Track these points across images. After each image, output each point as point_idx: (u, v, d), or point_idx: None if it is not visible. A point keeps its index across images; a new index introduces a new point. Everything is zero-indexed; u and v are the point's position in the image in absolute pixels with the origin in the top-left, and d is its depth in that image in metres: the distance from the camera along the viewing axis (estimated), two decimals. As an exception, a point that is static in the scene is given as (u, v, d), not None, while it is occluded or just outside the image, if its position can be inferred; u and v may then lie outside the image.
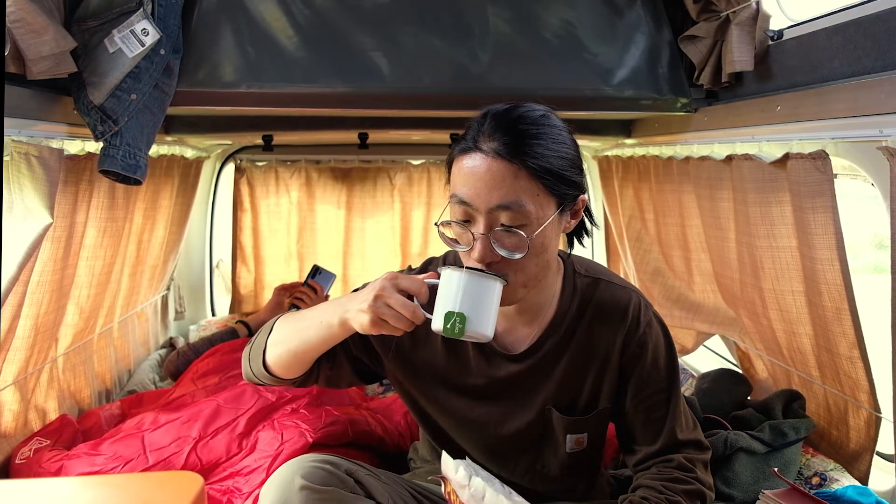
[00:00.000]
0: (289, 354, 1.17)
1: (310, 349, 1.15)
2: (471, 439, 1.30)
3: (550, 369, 1.23)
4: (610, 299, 1.23)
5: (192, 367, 2.22)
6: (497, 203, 1.05)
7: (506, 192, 1.04)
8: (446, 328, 1.03)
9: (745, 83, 1.71)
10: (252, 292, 3.12)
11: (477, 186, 1.05)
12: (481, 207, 1.05)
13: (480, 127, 1.08)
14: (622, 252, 2.72)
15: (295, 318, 1.18)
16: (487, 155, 1.05)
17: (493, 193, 1.05)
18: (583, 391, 1.24)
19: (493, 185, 1.05)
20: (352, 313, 1.06)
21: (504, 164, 1.04)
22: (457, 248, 1.12)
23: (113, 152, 1.54)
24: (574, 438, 1.26)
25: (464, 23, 1.80)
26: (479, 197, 1.05)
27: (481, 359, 1.24)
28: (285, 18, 1.74)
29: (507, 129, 1.06)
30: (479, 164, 1.06)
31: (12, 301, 1.46)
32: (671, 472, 1.21)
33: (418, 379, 1.27)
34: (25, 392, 1.66)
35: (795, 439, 1.56)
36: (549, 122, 1.11)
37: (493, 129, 1.07)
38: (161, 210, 2.35)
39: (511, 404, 1.26)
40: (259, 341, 1.23)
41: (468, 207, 1.07)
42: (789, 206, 1.55)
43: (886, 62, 1.25)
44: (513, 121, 1.08)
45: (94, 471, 1.52)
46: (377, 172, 3.10)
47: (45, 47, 1.35)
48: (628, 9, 1.88)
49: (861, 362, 1.47)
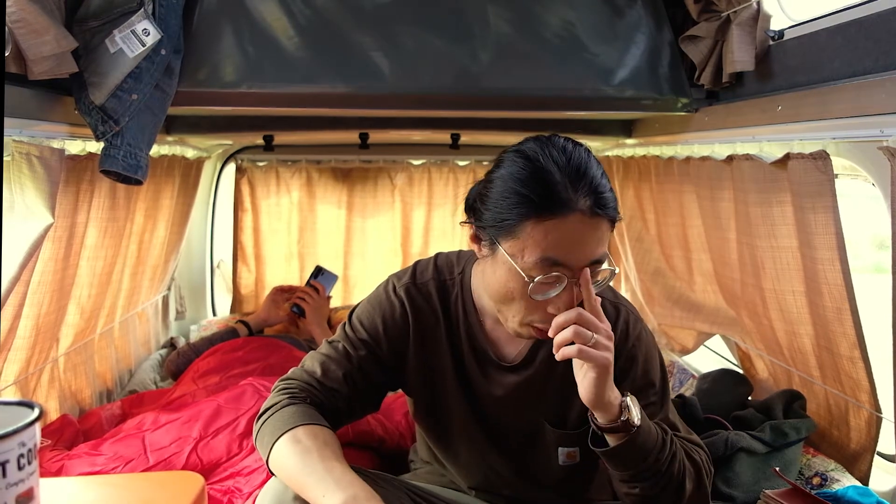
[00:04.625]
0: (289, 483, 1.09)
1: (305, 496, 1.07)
2: (469, 447, 1.30)
3: (543, 381, 1.23)
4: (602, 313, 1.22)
5: (192, 367, 2.22)
6: (596, 258, 1.04)
7: (602, 246, 1.04)
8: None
9: (745, 83, 1.71)
10: (253, 292, 3.12)
11: (582, 246, 1.03)
12: (576, 266, 1.03)
13: (568, 183, 1.02)
14: (623, 252, 2.72)
15: (301, 468, 1.04)
16: (595, 217, 1.02)
17: (595, 251, 1.03)
18: (574, 405, 1.22)
19: (595, 245, 1.03)
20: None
21: (601, 221, 1.03)
22: (541, 297, 1.06)
23: (114, 152, 1.55)
24: (566, 452, 1.25)
25: (464, 23, 1.80)
26: (578, 258, 1.02)
27: (478, 369, 1.24)
28: (286, 18, 1.74)
29: (597, 182, 1.03)
30: (583, 225, 1.02)
31: (13, 301, 1.46)
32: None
33: (426, 385, 1.27)
34: (26, 392, 1.66)
35: (796, 439, 1.57)
36: (592, 156, 1.08)
37: (581, 183, 1.02)
38: (162, 210, 2.35)
39: (506, 414, 1.25)
40: (273, 429, 1.11)
41: (561, 267, 1.03)
42: (790, 206, 1.55)
43: (887, 62, 1.25)
44: (587, 165, 1.04)
45: (94, 471, 1.52)
46: (378, 172, 3.10)
47: (46, 47, 1.35)
48: (629, 9, 1.88)
49: (862, 362, 1.47)
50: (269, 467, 1.11)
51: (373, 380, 1.23)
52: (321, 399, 1.18)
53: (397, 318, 1.23)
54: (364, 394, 1.23)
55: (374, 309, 1.25)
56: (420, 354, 1.25)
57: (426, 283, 1.26)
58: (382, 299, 1.25)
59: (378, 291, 1.28)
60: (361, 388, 1.21)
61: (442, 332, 1.24)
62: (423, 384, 1.26)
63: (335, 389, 1.19)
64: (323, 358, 1.22)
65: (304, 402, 1.15)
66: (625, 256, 2.71)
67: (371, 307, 1.26)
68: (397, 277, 1.28)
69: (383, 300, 1.25)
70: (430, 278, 1.26)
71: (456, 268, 1.27)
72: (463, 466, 1.33)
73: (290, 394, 1.16)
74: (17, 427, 0.67)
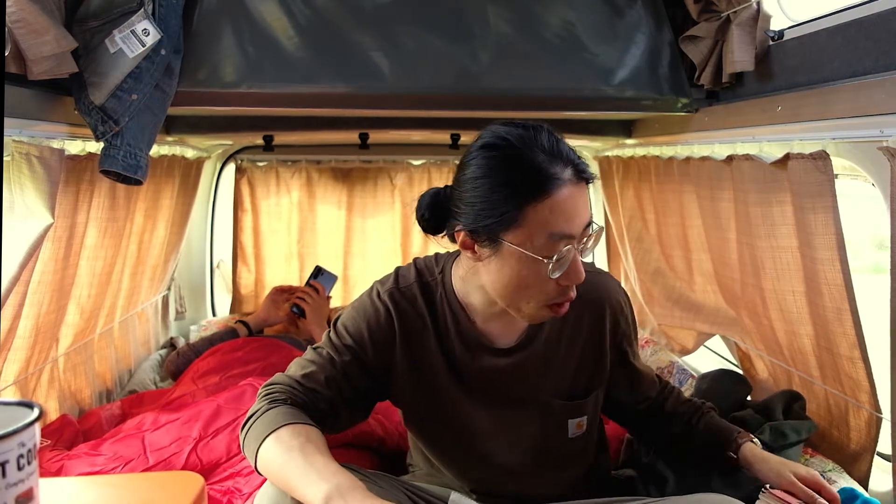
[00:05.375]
0: (277, 484, 1.09)
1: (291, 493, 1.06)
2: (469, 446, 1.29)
3: (545, 358, 1.25)
4: (590, 287, 1.23)
5: (192, 367, 2.22)
6: (586, 223, 1.10)
7: (588, 207, 1.11)
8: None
9: (745, 83, 1.71)
10: (253, 292, 3.12)
11: (579, 213, 1.08)
12: (576, 233, 1.08)
13: (547, 159, 1.06)
14: (622, 252, 2.72)
15: (284, 466, 1.04)
16: (573, 182, 1.07)
17: (585, 215, 1.09)
18: (579, 375, 1.27)
19: (585, 209, 1.09)
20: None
21: (583, 185, 1.09)
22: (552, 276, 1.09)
23: (114, 152, 1.55)
24: (575, 423, 1.28)
25: (464, 23, 1.80)
26: (577, 224, 1.08)
27: (473, 361, 1.24)
28: (286, 18, 1.74)
29: (566, 154, 1.08)
30: (576, 193, 1.07)
31: (13, 301, 1.46)
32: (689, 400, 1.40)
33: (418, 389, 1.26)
34: (26, 392, 1.66)
35: (796, 441, 1.56)
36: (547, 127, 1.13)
37: (559, 156, 1.07)
38: (162, 210, 2.35)
39: (510, 398, 1.26)
40: (258, 434, 1.10)
41: (568, 239, 1.07)
42: (790, 207, 1.55)
43: (887, 62, 1.25)
44: (557, 142, 1.09)
45: (94, 471, 1.52)
46: (378, 172, 3.10)
47: (46, 47, 1.35)
48: (629, 9, 1.88)
49: (862, 362, 1.47)
50: (258, 472, 1.10)
51: (358, 385, 1.22)
52: (303, 399, 1.17)
53: (382, 323, 1.23)
54: (349, 400, 1.22)
55: (358, 315, 1.24)
56: (408, 359, 1.24)
57: (409, 286, 1.25)
58: (367, 305, 1.25)
59: (362, 298, 1.27)
60: (346, 393, 1.21)
61: (430, 333, 1.24)
62: (414, 388, 1.26)
63: (316, 390, 1.18)
64: (305, 363, 1.22)
65: (285, 403, 1.15)
66: (625, 256, 2.70)
67: (356, 313, 1.25)
68: (381, 283, 1.28)
69: (368, 306, 1.25)
70: (413, 281, 1.26)
71: (436, 268, 1.27)
72: (463, 468, 1.32)
73: (271, 398, 1.16)
74: (16, 427, 0.67)
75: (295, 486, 1.01)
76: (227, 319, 2.92)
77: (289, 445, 1.05)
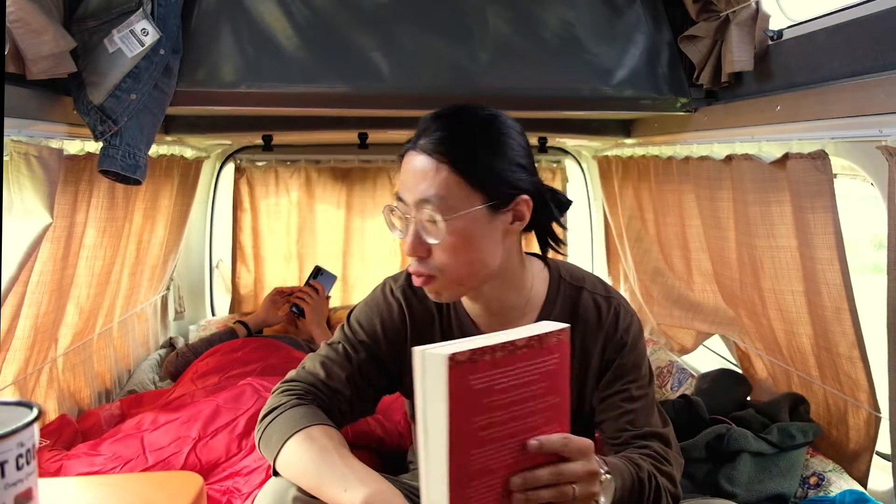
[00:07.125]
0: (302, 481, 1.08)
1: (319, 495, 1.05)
2: None
3: None
4: (590, 307, 1.22)
5: (191, 368, 2.22)
6: (420, 197, 1.08)
7: (427, 185, 1.07)
8: None
9: (744, 83, 1.71)
10: (252, 292, 3.11)
11: (407, 182, 1.10)
12: (410, 202, 1.09)
13: (422, 126, 1.12)
14: (622, 252, 2.72)
15: (319, 466, 1.03)
16: (417, 152, 1.09)
17: (417, 187, 1.08)
18: (583, 392, 1.24)
19: (418, 180, 1.08)
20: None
21: (426, 159, 1.08)
22: (399, 235, 1.15)
23: (112, 152, 1.54)
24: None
25: (463, 23, 1.80)
26: (409, 192, 1.09)
27: None
28: (285, 18, 1.74)
29: (440, 126, 1.09)
30: (408, 160, 1.11)
31: (12, 301, 1.46)
32: (649, 454, 1.16)
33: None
34: (25, 392, 1.66)
35: (803, 442, 1.56)
36: (492, 121, 1.12)
37: (429, 128, 1.10)
38: (161, 210, 2.35)
39: None
40: (282, 429, 1.10)
41: (402, 203, 1.10)
42: (789, 206, 1.55)
43: (886, 62, 1.25)
44: (449, 118, 1.11)
45: (93, 471, 1.52)
46: (377, 172, 3.10)
47: (45, 47, 1.35)
48: (628, 9, 1.88)
49: (861, 362, 1.47)
50: (275, 467, 1.10)
51: (373, 382, 1.23)
52: (325, 401, 1.17)
53: (395, 318, 1.24)
54: (363, 396, 1.23)
55: (371, 311, 1.26)
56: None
57: None
58: (380, 301, 1.26)
59: (375, 293, 1.28)
60: (362, 390, 1.22)
61: (437, 330, 1.25)
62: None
63: (338, 391, 1.19)
64: (324, 360, 1.22)
65: (312, 403, 1.15)
66: (624, 256, 2.71)
67: (369, 309, 1.26)
68: (393, 280, 1.29)
69: (381, 302, 1.26)
70: None
71: None
72: None
73: (296, 395, 1.16)
74: (15, 427, 0.67)
75: (330, 486, 1.00)
76: (226, 319, 2.92)
77: (323, 445, 1.05)
